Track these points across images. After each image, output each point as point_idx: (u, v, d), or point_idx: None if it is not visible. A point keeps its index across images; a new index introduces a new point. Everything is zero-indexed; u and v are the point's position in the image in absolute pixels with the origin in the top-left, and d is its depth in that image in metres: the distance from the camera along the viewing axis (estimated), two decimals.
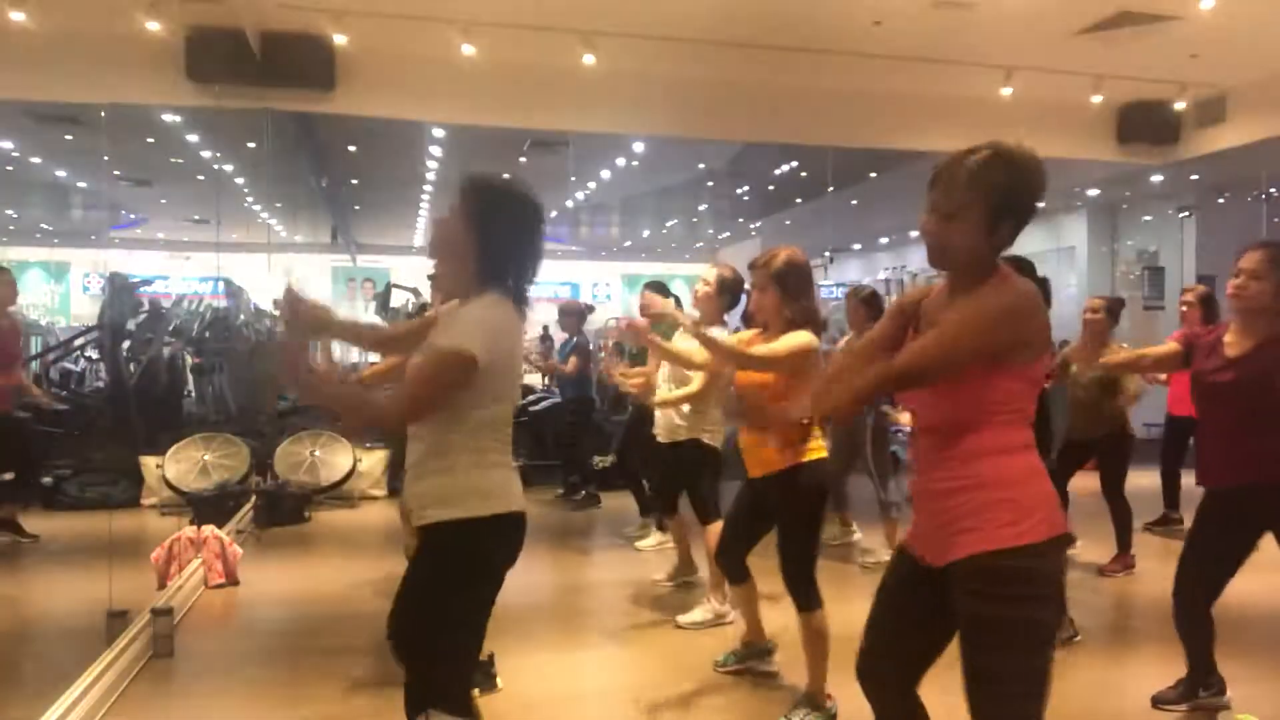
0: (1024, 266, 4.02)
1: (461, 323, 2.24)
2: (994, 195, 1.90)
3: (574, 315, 7.42)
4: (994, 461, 1.91)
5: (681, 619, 4.55)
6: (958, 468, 1.93)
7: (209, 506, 6.30)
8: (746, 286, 3.77)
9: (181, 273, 14.42)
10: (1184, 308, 5.96)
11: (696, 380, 4.39)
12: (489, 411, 2.28)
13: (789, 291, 3.28)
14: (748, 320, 4.83)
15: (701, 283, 4.31)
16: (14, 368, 5.91)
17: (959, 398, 1.92)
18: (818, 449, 3.34)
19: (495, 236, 2.30)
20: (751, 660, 3.86)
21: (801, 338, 3.25)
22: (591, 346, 7.76)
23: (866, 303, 5.62)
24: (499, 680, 3.68)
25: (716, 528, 4.54)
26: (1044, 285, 4.08)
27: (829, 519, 6.10)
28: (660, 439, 4.74)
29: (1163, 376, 6.29)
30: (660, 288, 5.95)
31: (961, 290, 1.99)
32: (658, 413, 4.76)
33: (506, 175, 2.41)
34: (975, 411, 1.92)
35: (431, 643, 2.24)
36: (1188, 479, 5.90)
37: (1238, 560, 3.26)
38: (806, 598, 3.32)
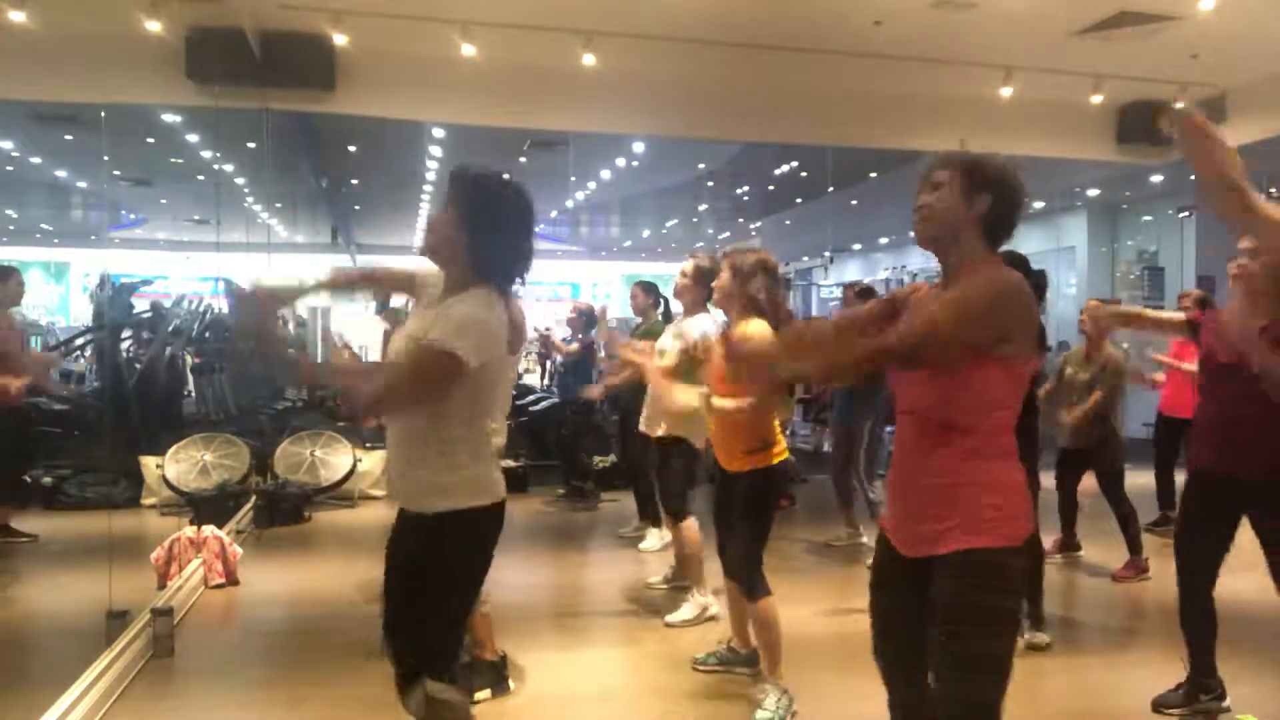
0: (1017, 261, 4.02)
1: (452, 321, 2.22)
2: (965, 166, 2.05)
3: (582, 315, 7.45)
4: (984, 466, 1.99)
5: (669, 618, 4.55)
6: (948, 466, 1.99)
7: (209, 506, 6.30)
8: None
9: (181, 272, 14.43)
10: (1183, 312, 6.01)
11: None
12: (484, 404, 2.37)
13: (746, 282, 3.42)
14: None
15: (680, 275, 4.34)
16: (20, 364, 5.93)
17: (951, 389, 1.97)
18: (782, 452, 3.48)
19: (487, 232, 2.30)
20: (735, 665, 3.86)
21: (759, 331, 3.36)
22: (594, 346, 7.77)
23: (861, 295, 5.68)
24: (510, 682, 3.69)
25: (690, 524, 4.58)
26: (1040, 278, 4.08)
27: (841, 522, 6.14)
28: (647, 432, 4.71)
29: (1160, 377, 6.47)
30: (650, 287, 5.95)
31: (953, 280, 2.06)
32: (648, 406, 4.73)
33: (499, 171, 2.40)
34: (966, 408, 1.98)
35: (436, 622, 2.33)
36: (1181, 479, 5.92)
37: (1224, 544, 3.33)
38: (753, 585, 3.43)
